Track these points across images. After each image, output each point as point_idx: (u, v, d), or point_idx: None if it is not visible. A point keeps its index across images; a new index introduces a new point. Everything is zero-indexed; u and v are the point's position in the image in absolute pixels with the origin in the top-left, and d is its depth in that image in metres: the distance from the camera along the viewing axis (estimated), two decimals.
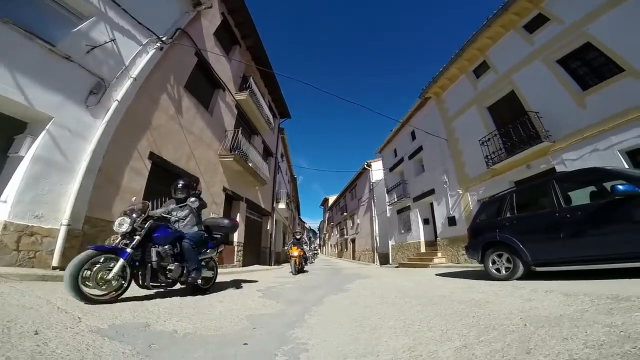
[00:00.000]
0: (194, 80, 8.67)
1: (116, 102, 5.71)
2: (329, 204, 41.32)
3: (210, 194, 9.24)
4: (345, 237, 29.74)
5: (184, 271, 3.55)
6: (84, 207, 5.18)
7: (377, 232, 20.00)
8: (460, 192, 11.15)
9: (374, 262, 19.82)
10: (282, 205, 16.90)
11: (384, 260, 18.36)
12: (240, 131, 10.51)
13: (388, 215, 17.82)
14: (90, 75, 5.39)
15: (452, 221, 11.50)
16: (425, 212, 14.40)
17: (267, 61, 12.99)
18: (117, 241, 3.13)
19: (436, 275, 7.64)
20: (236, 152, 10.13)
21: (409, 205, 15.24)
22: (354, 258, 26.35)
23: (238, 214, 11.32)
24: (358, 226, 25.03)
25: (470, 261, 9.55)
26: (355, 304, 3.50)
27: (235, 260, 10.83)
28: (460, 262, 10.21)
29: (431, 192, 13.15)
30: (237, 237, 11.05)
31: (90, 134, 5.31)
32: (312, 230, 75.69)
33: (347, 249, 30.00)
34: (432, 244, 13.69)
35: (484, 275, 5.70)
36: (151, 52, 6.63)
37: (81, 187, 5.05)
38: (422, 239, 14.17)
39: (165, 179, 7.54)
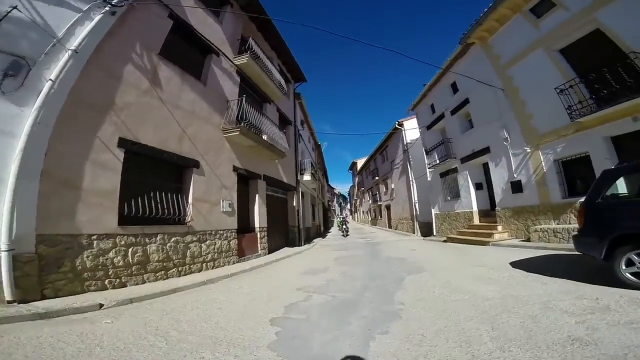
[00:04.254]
0: (171, 46, 6.86)
1: (49, 82, 4.10)
2: (358, 168, 39.17)
3: (216, 176, 7.75)
4: (379, 203, 27.87)
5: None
6: (30, 223, 3.84)
7: (416, 198, 17.89)
8: (529, 149, 8.67)
9: (414, 233, 18.02)
10: (307, 177, 15.28)
11: (427, 231, 16.48)
12: (244, 99, 8.65)
13: (429, 179, 15.56)
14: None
15: (517, 186, 9.17)
16: (477, 175, 12.02)
17: (266, 15, 10.56)
18: None
19: (512, 265, 5.71)
20: (242, 123, 8.37)
21: (456, 167, 12.87)
22: (390, 227, 24.70)
23: (257, 196, 9.86)
24: (393, 192, 22.98)
25: (546, 239, 7.45)
26: None
27: (259, 248, 9.59)
28: (532, 239, 8.06)
29: (485, 150, 10.69)
30: (257, 221, 9.71)
31: (17, 127, 3.79)
32: (342, 195, 74.78)
33: (381, 217, 28.33)
34: (487, 214, 11.50)
35: (594, 273, 4.21)
36: (97, 19, 4.93)
37: (16, 198, 3.65)
38: (475, 208, 11.97)
39: (151, 168, 6.16)
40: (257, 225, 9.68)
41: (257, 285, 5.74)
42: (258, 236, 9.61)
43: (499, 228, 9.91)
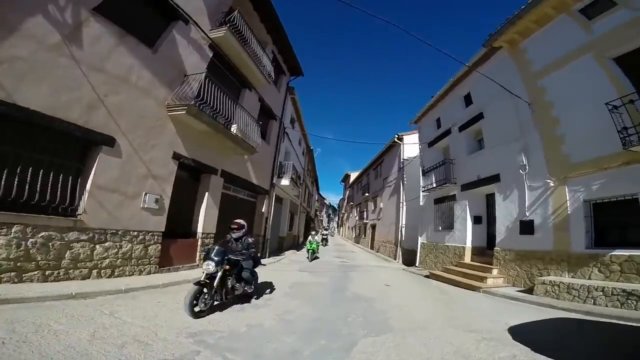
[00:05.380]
0: (118, 3, 5.36)
1: None
2: (350, 181, 37.40)
3: (142, 162, 5.83)
4: (365, 221, 25.94)
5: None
6: None
7: (404, 222, 16.06)
8: (552, 183, 6.90)
9: (395, 259, 16.11)
10: (285, 182, 13.35)
11: (409, 259, 14.58)
12: (206, 74, 6.81)
13: (421, 203, 13.76)
14: None
15: (527, 227, 7.37)
16: (478, 207, 10.23)
17: None
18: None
19: (511, 334, 3.90)
20: (195, 102, 6.48)
21: (454, 195, 11.08)
22: (372, 247, 22.76)
23: (207, 195, 7.91)
24: (381, 211, 21.15)
25: (555, 294, 5.65)
26: None
27: (197, 258, 7.60)
28: (537, 292, 6.19)
29: (494, 178, 8.91)
30: (201, 225, 7.74)
31: None
32: (332, 207, 72.71)
33: (365, 235, 26.41)
34: (482, 253, 9.67)
35: None
36: None
37: None
38: (469, 244, 10.14)
39: (34, 139, 4.35)
40: (199, 230, 7.70)
41: (134, 314, 3.78)
42: (199, 243, 7.63)
43: (494, 272, 8.06)
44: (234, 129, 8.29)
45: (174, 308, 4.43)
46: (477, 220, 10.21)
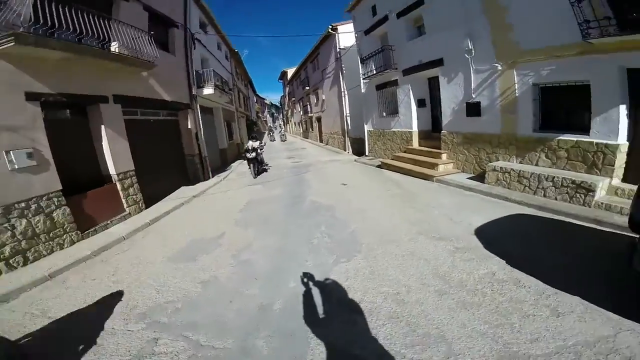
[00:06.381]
0: None
1: None
2: (288, 78, 33.98)
3: None
4: (310, 115, 24.85)
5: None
6: None
7: (348, 112, 15.50)
8: (499, 67, 6.39)
9: (345, 150, 16.26)
10: (209, 90, 11.17)
11: (359, 149, 14.80)
12: None
13: (363, 91, 12.99)
14: None
15: (474, 109, 7.23)
16: (421, 91, 9.80)
17: None
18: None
19: (481, 242, 3.97)
20: (28, 29, 3.98)
21: (396, 80, 10.36)
22: (321, 140, 22.61)
23: (103, 128, 6.07)
24: (324, 103, 20.07)
25: (506, 182, 6.00)
26: None
27: (125, 205, 6.45)
28: (488, 180, 6.36)
29: (437, 62, 8.16)
30: (112, 165, 6.26)
31: None
32: (275, 105, 68.52)
33: (312, 129, 25.83)
34: (429, 137, 9.86)
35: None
36: None
37: None
38: (415, 128, 10.16)
39: None
40: (112, 171, 6.25)
41: (72, 305, 3.04)
42: (119, 187, 6.31)
43: (444, 157, 8.35)
44: (114, 46, 5.93)
45: (107, 286, 3.68)
46: (420, 103, 9.96)
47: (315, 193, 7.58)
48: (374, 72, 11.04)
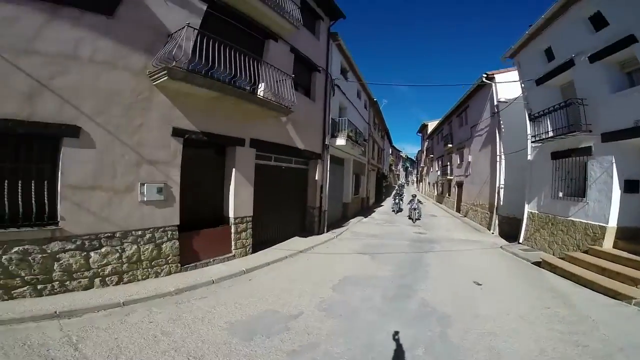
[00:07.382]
0: None
1: None
2: (428, 131, 32.37)
3: (129, 148, 4.66)
4: (449, 177, 21.97)
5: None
6: None
7: (502, 182, 12.39)
8: None
9: (490, 229, 12.87)
10: (340, 141, 11.26)
11: (509, 230, 11.34)
12: (198, 28, 5.06)
13: (529, 157, 10.02)
14: None
15: None
16: (632, 167, 6.50)
17: None
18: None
19: None
20: (182, 64, 4.79)
21: (588, 147, 7.34)
22: (458, 210, 19.28)
23: (234, 171, 6.57)
24: (469, 166, 17.24)
25: None
26: None
27: (233, 247, 6.60)
28: None
29: None
30: (232, 209, 6.58)
31: None
32: (410, 159, 66.89)
33: (449, 194, 22.66)
34: (635, 238, 6.21)
35: None
36: None
37: None
38: (613, 223, 6.67)
39: None
40: (231, 214, 6.57)
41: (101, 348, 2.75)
42: (232, 230, 6.56)
43: None
44: (261, 89, 6.58)
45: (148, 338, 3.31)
46: (631, 186, 6.54)
47: (432, 288, 5.67)
48: (551, 134, 8.31)
